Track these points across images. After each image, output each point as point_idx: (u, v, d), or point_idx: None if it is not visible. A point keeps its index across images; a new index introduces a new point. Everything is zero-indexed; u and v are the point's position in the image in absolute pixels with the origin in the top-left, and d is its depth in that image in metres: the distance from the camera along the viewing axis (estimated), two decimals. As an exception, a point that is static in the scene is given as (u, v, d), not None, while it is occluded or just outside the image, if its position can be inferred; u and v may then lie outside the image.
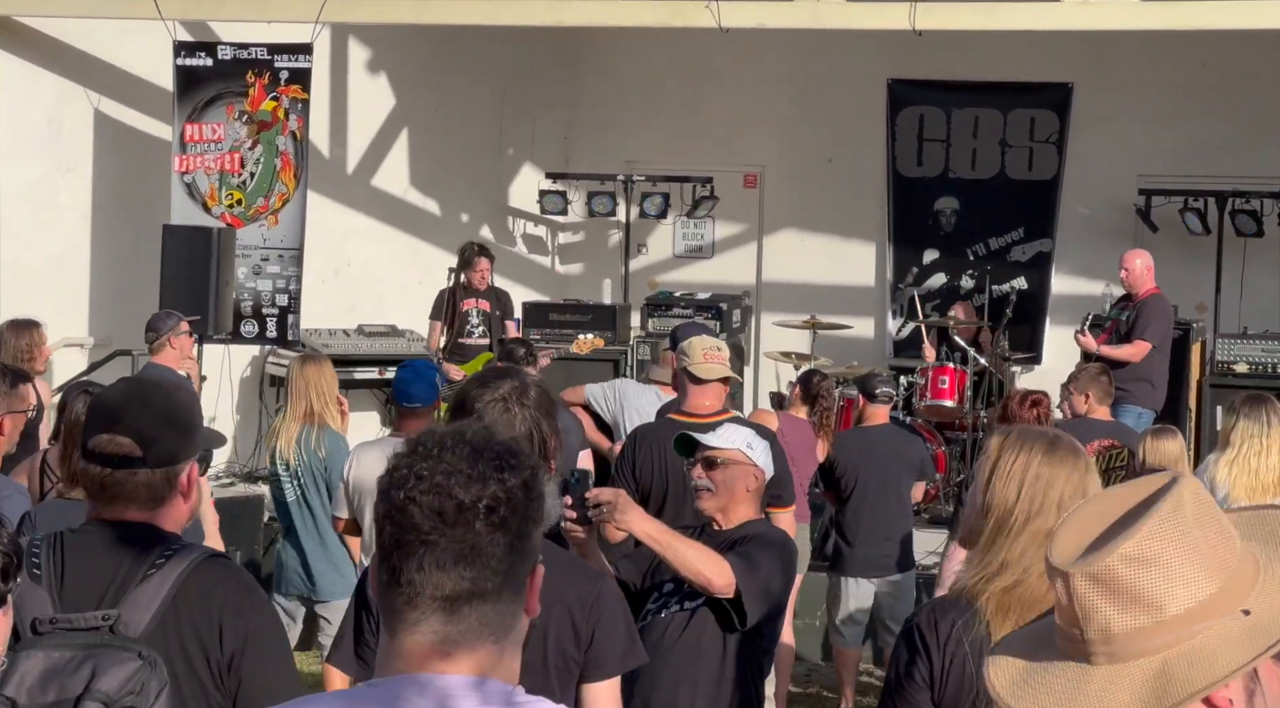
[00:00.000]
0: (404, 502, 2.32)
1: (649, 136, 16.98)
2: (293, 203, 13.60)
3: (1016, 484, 3.95)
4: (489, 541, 2.31)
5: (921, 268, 16.42)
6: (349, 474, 8.10)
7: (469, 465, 2.33)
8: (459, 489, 2.31)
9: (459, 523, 2.30)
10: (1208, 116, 15.57)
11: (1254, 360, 13.78)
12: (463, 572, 2.31)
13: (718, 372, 7.42)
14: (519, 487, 2.35)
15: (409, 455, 2.36)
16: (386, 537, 2.34)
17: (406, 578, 2.32)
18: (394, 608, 2.34)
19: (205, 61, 13.54)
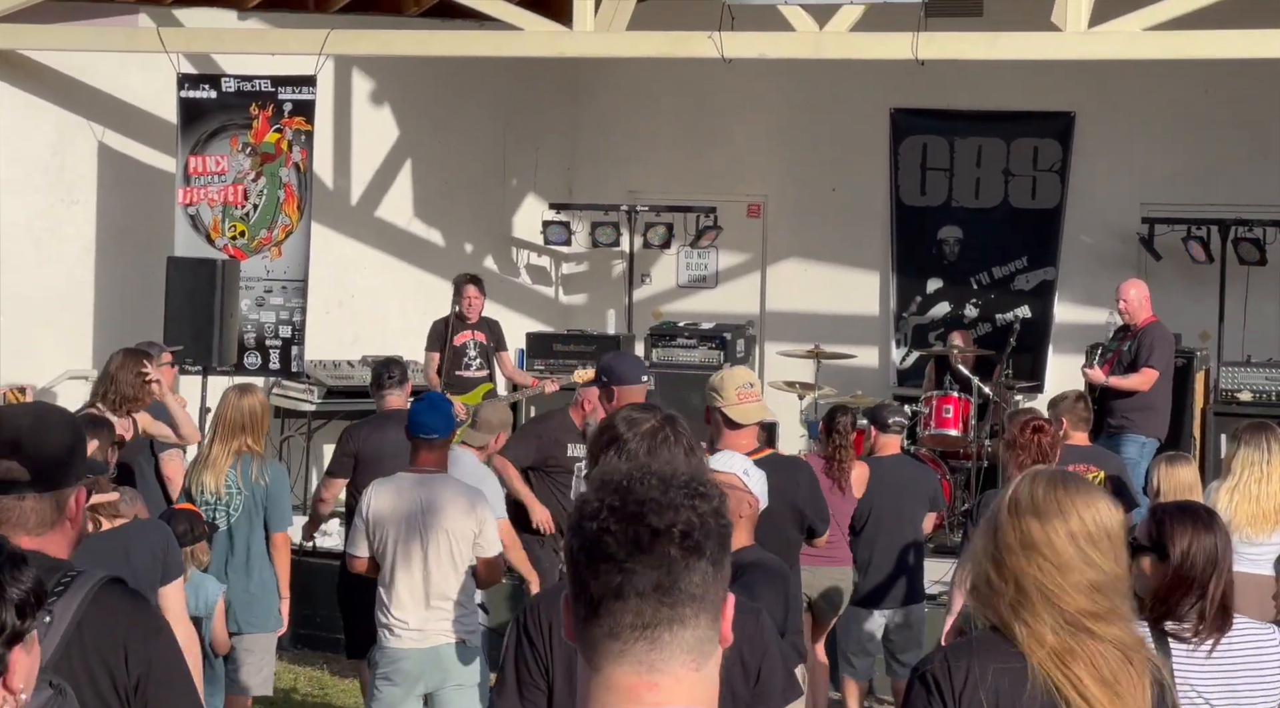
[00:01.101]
0: (598, 533, 2.35)
1: (652, 167, 17.00)
2: (296, 234, 13.62)
3: (1025, 525, 3.90)
4: (685, 566, 2.34)
5: (925, 297, 16.42)
6: (367, 512, 7.96)
7: (660, 494, 2.37)
8: (653, 517, 2.34)
9: (655, 550, 2.34)
10: (1210, 145, 15.58)
11: (1258, 388, 13.77)
12: (663, 598, 2.33)
13: (755, 415, 7.07)
14: (710, 513, 2.38)
15: (598, 489, 2.40)
16: (583, 570, 2.37)
17: (606, 609, 2.34)
18: (595, 641, 2.36)
19: (209, 94, 13.58)
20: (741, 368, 7.43)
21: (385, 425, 9.74)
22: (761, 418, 7.14)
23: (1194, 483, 8.26)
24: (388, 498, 7.93)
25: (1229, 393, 13.87)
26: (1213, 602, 4.91)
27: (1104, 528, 3.91)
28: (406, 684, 7.92)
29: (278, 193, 13.61)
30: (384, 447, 9.45)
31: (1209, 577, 4.93)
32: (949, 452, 13.88)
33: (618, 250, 16.73)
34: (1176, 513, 5.11)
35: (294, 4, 14.49)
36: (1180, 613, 4.91)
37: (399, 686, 7.92)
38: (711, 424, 7.13)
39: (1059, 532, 3.88)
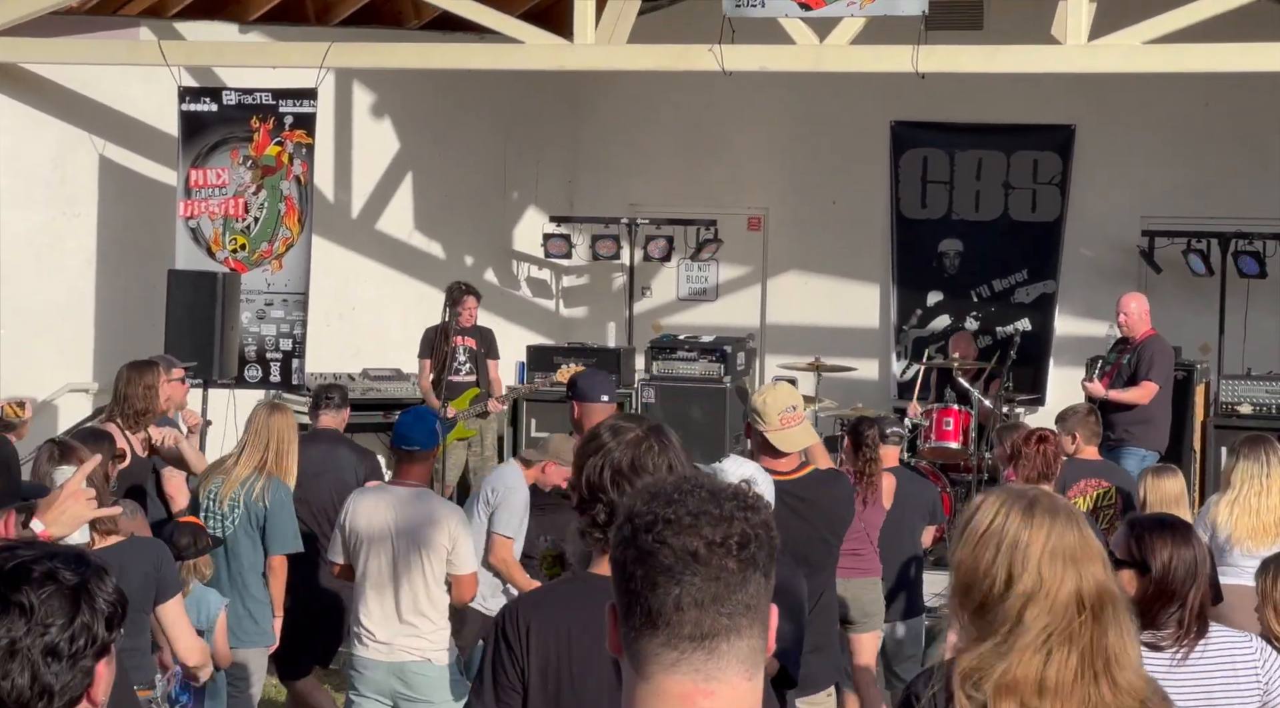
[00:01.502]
0: (654, 545, 2.39)
1: (652, 180, 17.02)
2: (297, 247, 13.63)
3: (993, 551, 3.89)
4: (741, 577, 2.39)
5: (925, 310, 16.43)
6: (346, 520, 8.04)
7: (714, 506, 2.42)
8: (708, 529, 2.39)
9: (712, 561, 2.38)
10: (1210, 158, 15.60)
11: (1258, 402, 13.77)
12: (720, 608, 2.38)
13: (799, 441, 7.06)
14: (761, 524, 2.44)
15: (649, 501, 2.44)
16: (638, 581, 2.40)
17: (665, 619, 2.37)
18: (649, 652, 2.39)
19: (210, 107, 13.59)
20: (785, 387, 7.34)
21: (314, 442, 9.91)
22: (805, 444, 7.12)
23: (1180, 495, 8.27)
24: (368, 508, 7.98)
25: (1229, 406, 13.88)
26: (1191, 611, 4.95)
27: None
28: (374, 693, 8.01)
29: (278, 206, 13.62)
30: (313, 463, 9.60)
31: (1189, 588, 4.97)
32: (949, 464, 13.89)
33: (618, 263, 16.75)
34: (1155, 527, 5.14)
35: (295, 17, 14.51)
36: (1159, 623, 4.96)
37: (367, 696, 8.02)
38: (753, 441, 7.18)
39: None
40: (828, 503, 7.08)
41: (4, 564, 2.73)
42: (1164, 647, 4.92)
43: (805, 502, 6.87)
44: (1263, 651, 5.01)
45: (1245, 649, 5.00)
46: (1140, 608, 4.97)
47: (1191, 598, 4.98)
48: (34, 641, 2.72)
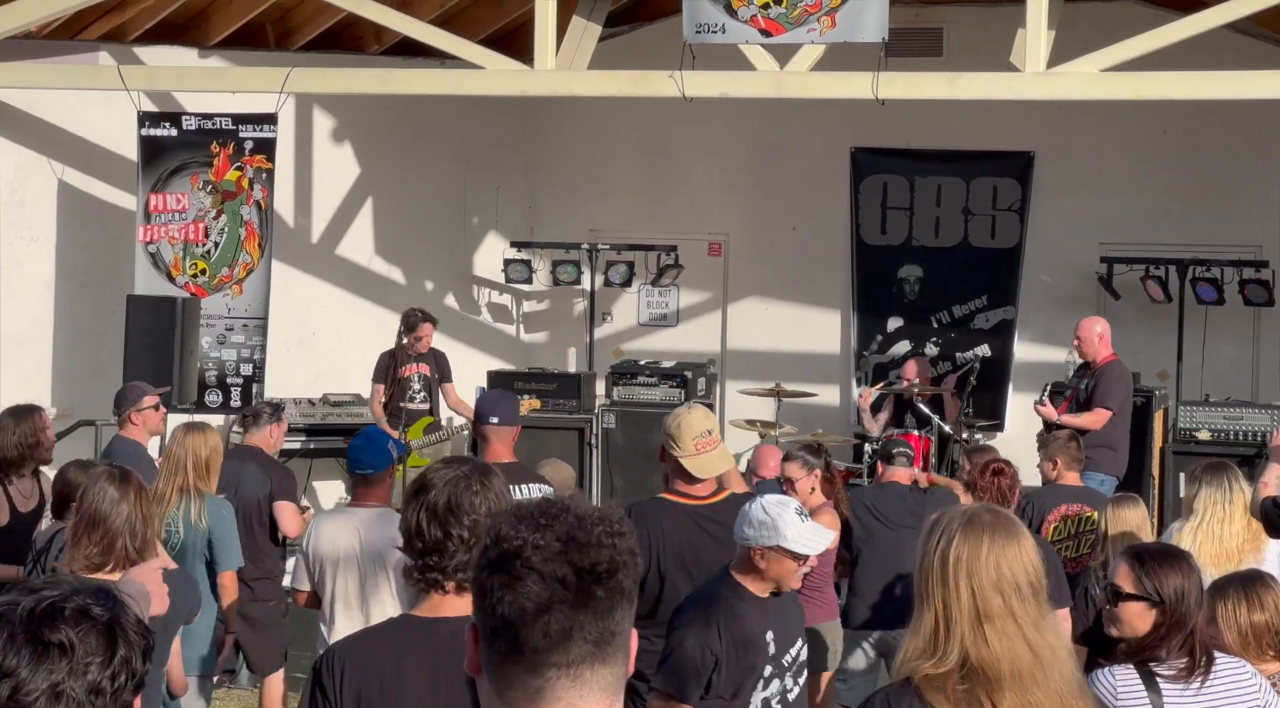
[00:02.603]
0: (523, 571, 2.36)
1: (613, 205, 17.03)
2: (257, 272, 13.61)
3: (940, 567, 3.98)
4: (609, 605, 2.37)
5: (885, 335, 16.47)
6: (309, 546, 7.95)
7: (582, 533, 2.38)
8: (577, 555, 2.36)
9: (580, 589, 2.35)
10: (1168, 185, 15.69)
11: (1216, 428, 13.82)
12: (586, 636, 2.35)
13: (714, 467, 6.87)
14: (628, 551, 2.41)
15: (516, 525, 2.40)
16: (505, 607, 2.37)
17: (531, 646, 2.35)
18: (512, 677, 2.37)
19: (169, 132, 13.57)
20: (700, 411, 7.06)
21: (230, 458, 10.01)
22: (721, 470, 6.92)
23: (1142, 523, 8.28)
24: (331, 533, 7.90)
25: (1187, 432, 13.93)
26: (1200, 639, 5.00)
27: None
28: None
29: (239, 231, 13.60)
30: (224, 478, 9.78)
31: (1197, 616, 5.03)
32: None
33: (579, 289, 16.75)
34: (1161, 557, 5.18)
35: (255, 42, 14.50)
36: (1167, 653, 4.99)
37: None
38: (667, 466, 7.02)
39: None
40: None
41: (36, 605, 2.60)
42: (1177, 677, 4.96)
43: (724, 527, 6.64)
44: (1257, 675, 5.07)
45: (1244, 673, 5.06)
46: (1151, 640, 5.04)
47: (1200, 626, 5.02)
48: (77, 681, 2.61)
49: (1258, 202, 15.39)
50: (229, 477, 9.89)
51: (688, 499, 6.83)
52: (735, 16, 12.08)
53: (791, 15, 12.02)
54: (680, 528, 6.78)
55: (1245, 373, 15.43)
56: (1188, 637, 5.01)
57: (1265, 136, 14.98)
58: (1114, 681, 5.02)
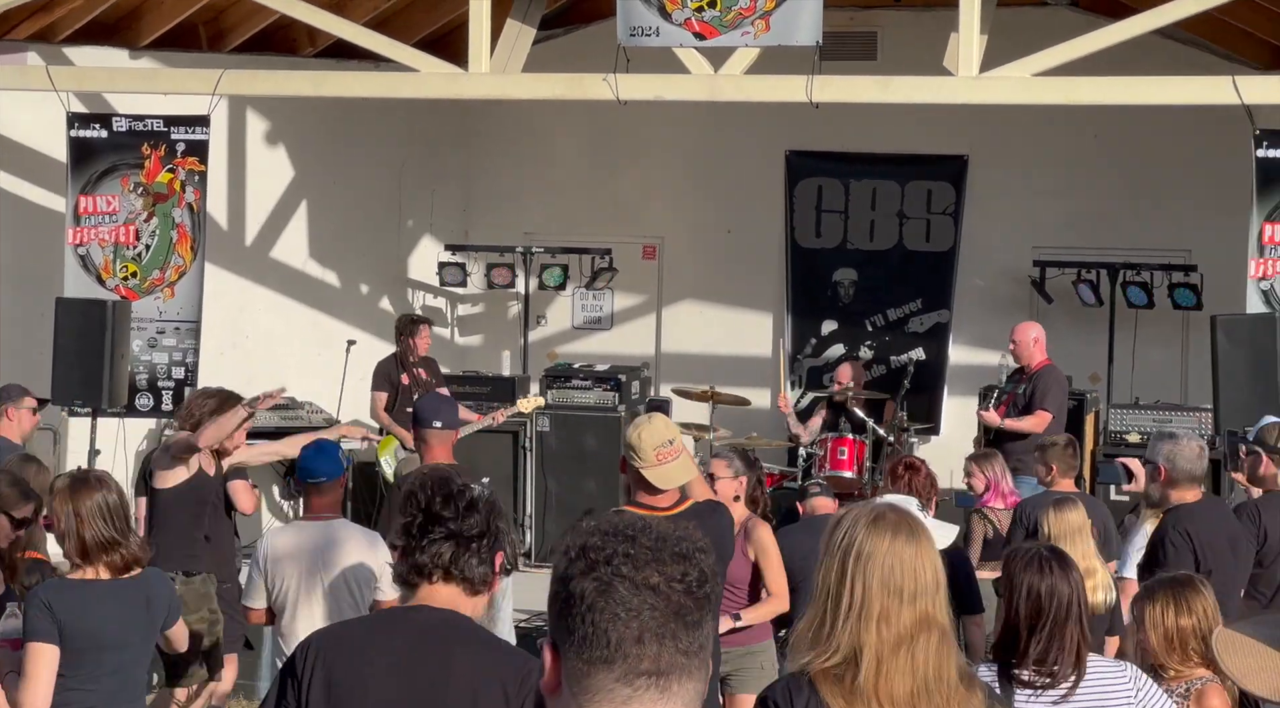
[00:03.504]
0: (613, 577, 2.37)
1: (548, 208, 17.01)
2: (189, 275, 13.52)
3: (839, 561, 4.03)
4: (698, 616, 2.38)
5: (820, 339, 16.49)
6: (264, 561, 7.80)
7: (670, 545, 2.42)
8: (669, 565, 2.38)
9: (672, 596, 2.36)
10: (1099, 189, 15.79)
11: (1146, 430, 13.89)
12: (677, 645, 2.35)
13: (676, 477, 6.80)
14: (710, 566, 2.44)
15: (603, 537, 2.42)
16: (597, 613, 2.36)
17: (623, 653, 2.34)
18: (601, 686, 2.35)
19: (100, 133, 13.46)
20: (660, 420, 7.01)
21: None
22: (684, 480, 6.86)
23: (1082, 525, 8.33)
24: (284, 544, 7.79)
25: (1118, 435, 14.03)
26: (1071, 649, 4.99)
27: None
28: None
29: (170, 233, 13.50)
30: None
31: (1050, 622, 5.01)
32: (844, 493, 13.90)
33: (513, 292, 16.72)
34: (1022, 558, 5.19)
35: (187, 44, 14.41)
36: (1027, 656, 5.01)
37: None
38: (629, 477, 6.91)
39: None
40: (712, 537, 6.72)
41: None
42: (1040, 684, 4.97)
43: None
44: (1136, 679, 5.04)
45: (1118, 682, 5.02)
46: (1007, 639, 5.07)
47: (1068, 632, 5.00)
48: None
49: (1187, 206, 15.50)
50: None
51: (649, 510, 6.68)
52: (669, 19, 12.08)
53: (725, 18, 12.04)
54: None
55: (1174, 376, 15.53)
56: (1051, 643, 4.99)
57: (1195, 141, 15.08)
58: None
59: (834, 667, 3.95)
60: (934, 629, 3.95)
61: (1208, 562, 7.82)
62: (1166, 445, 8.09)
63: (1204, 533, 7.93)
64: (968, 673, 4.03)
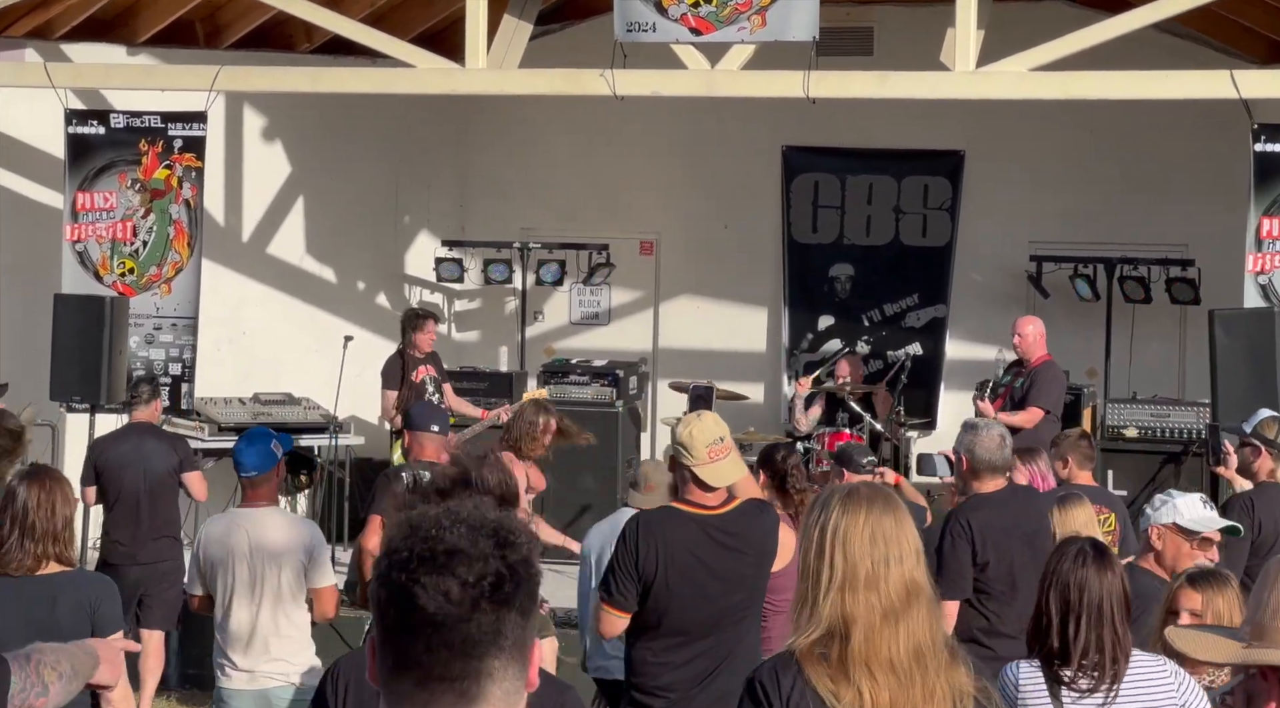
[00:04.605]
0: (407, 583, 2.32)
1: (545, 204, 17.01)
2: (186, 271, 13.52)
3: (816, 540, 4.10)
4: (494, 618, 2.32)
5: (817, 334, 16.50)
6: (199, 550, 7.94)
7: (469, 544, 2.33)
8: (462, 568, 2.32)
9: (464, 602, 2.31)
10: (1096, 184, 15.79)
11: (1143, 425, 13.92)
12: (471, 650, 2.31)
13: (728, 475, 6.64)
14: (520, 562, 2.36)
15: (406, 537, 2.36)
16: (391, 620, 2.34)
17: (415, 660, 2.32)
18: (401, 691, 2.34)
19: (97, 129, 13.46)
20: (710, 417, 6.81)
21: (124, 437, 11.12)
22: (735, 478, 6.71)
23: (1089, 520, 8.29)
24: (218, 535, 7.88)
25: (1115, 429, 14.03)
26: (1114, 647, 4.99)
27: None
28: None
29: (168, 230, 13.50)
30: (122, 456, 10.96)
31: (1113, 623, 5.02)
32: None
33: (510, 287, 16.71)
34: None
35: (184, 40, 14.40)
36: (1075, 656, 5.00)
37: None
38: (677, 476, 6.77)
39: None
40: (759, 536, 6.71)
41: None
42: (1086, 685, 4.98)
43: (735, 536, 6.56)
44: (1178, 674, 5.02)
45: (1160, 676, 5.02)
46: (1034, 629, 5.09)
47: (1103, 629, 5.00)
48: None
49: (1184, 201, 15.50)
50: (131, 453, 10.88)
51: (698, 509, 6.60)
52: (666, 15, 12.09)
53: (722, 14, 12.04)
54: (690, 539, 6.55)
55: (1172, 371, 15.55)
56: (1085, 638, 4.99)
57: (1192, 136, 15.09)
58: (1017, 674, 5.05)
59: (816, 642, 3.99)
60: (922, 597, 4.00)
61: (985, 553, 7.73)
62: (967, 436, 7.96)
63: (987, 524, 7.79)
64: (951, 644, 4.08)
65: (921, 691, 3.93)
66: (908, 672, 3.92)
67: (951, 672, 3.98)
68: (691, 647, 6.55)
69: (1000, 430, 8.13)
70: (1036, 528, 7.93)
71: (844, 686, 3.94)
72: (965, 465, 7.96)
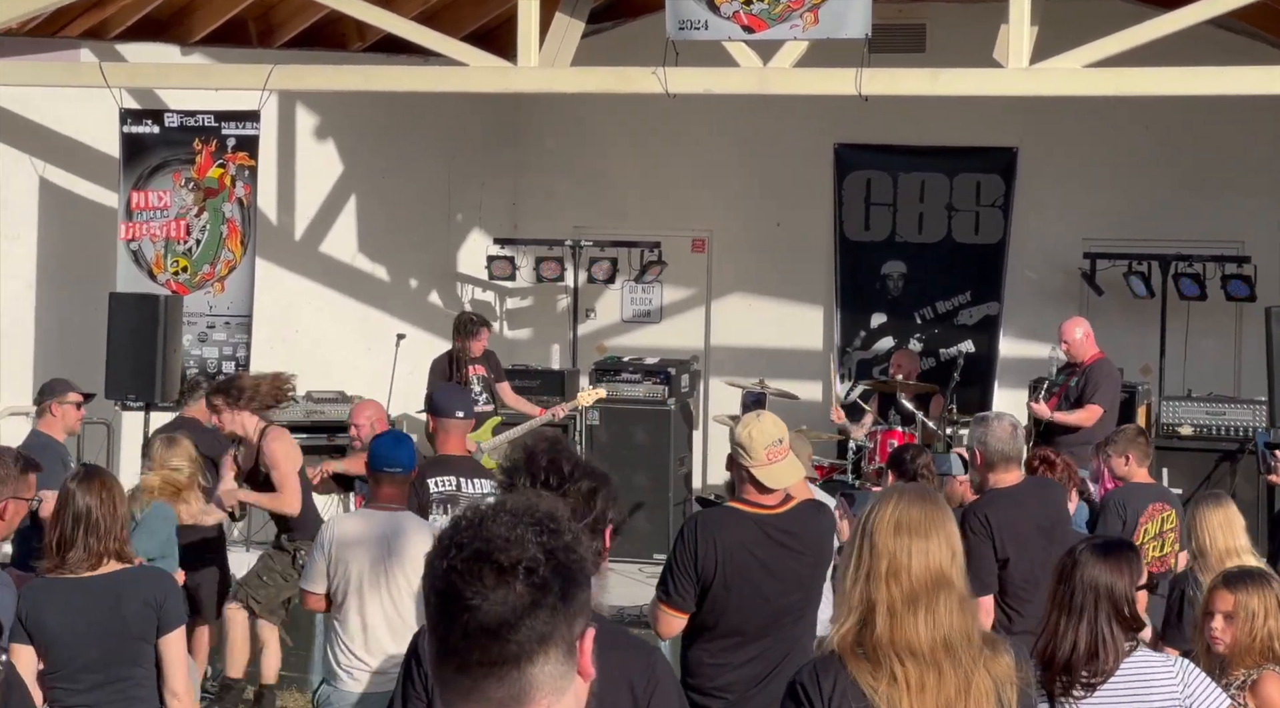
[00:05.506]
0: (446, 570, 2.37)
1: (596, 202, 17.02)
2: (240, 270, 13.57)
3: (856, 535, 4.19)
4: (531, 603, 2.35)
5: (869, 332, 16.46)
6: (329, 547, 7.70)
7: (507, 530, 2.38)
8: (498, 554, 2.36)
9: (500, 587, 2.34)
10: (1150, 181, 15.70)
11: (1198, 423, 13.84)
12: (508, 635, 2.34)
13: (787, 477, 6.60)
14: (560, 549, 2.39)
15: (452, 529, 2.42)
16: (433, 607, 2.39)
17: (453, 645, 2.36)
18: (446, 677, 2.39)
19: (152, 129, 13.53)
20: (770, 418, 6.73)
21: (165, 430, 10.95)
22: (794, 480, 6.67)
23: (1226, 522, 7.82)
24: (350, 531, 7.72)
25: (1170, 427, 13.94)
26: (1096, 643, 4.99)
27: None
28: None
29: (221, 228, 13.56)
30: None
31: (1079, 606, 5.03)
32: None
33: (562, 285, 16.73)
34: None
35: (237, 39, 14.46)
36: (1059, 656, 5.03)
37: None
38: (735, 476, 6.75)
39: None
40: (816, 537, 6.71)
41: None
42: (1070, 692, 4.98)
43: (794, 536, 6.56)
44: (1186, 674, 4.98)
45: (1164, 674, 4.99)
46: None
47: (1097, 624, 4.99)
48: None
49: (1240, 197, 15.41)
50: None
51: (757, 509, 6.59)
52: (718, 13, 12.07)
53: (774, 11, 12.01)
54: (749, 539, 6.55)
55: (1227, 368, 15.45)
56: (1076, 632, 4.98)
57: (1247, 132, 15.00)
58: None
59: (852, 633, 4.05)
60: (951, 591, 4.03)
61: (1005, 549, 7.66)
62: (979, 429, 7.90)
63: (1006, 520, 7.71)
64: (993, 638, 4.10)
65: (956, 683, 3.95)
66: (933, 661, 3.95)
67: (992, 663, 4.01)
68: (749, 648, 6.56)
69: (1011, 420, 8.04)
70: (1055, 520, 7.87)
71: (879, 673, 3.99)
72: (980, 459, 7.89)
